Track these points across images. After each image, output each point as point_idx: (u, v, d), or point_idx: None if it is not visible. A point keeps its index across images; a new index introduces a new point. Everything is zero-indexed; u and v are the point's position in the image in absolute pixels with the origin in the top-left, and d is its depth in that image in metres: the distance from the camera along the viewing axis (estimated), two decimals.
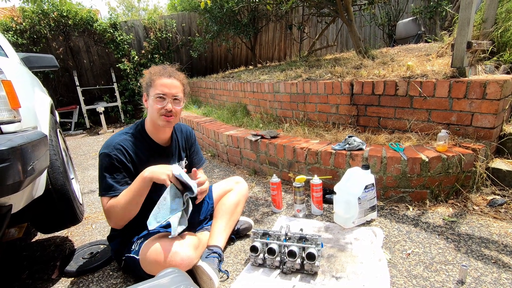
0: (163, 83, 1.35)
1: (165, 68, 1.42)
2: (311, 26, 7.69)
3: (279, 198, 1.99)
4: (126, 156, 1.34)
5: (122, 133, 1.40)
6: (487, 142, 1.91)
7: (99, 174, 1.33)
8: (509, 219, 1.64)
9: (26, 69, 2.01)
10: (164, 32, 6.84)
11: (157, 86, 1.35)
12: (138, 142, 1.39)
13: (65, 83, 6.30)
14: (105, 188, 1.30)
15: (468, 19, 1.97)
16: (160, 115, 1.36)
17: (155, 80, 1.36)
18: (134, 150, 1.37)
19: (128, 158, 1.35)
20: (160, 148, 1.47)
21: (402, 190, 1.90)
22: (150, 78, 1.38)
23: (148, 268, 1.26)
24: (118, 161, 1.32)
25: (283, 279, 1.33)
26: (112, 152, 1.31)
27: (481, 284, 1.22)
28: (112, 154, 1.31)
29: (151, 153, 1.42)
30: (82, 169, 3.53)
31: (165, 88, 1.35)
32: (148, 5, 22.47)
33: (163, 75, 1.37)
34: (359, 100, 2.51)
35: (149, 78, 1.39)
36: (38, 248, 1.86)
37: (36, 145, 1.11)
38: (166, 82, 1.36)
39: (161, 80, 1.36)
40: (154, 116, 1.38)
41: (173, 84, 1.38)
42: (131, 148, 1.36)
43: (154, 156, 1.43)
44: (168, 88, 1.36)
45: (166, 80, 1.36)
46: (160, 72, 1.38)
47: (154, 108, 1.35)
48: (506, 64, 2.39)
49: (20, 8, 5.72)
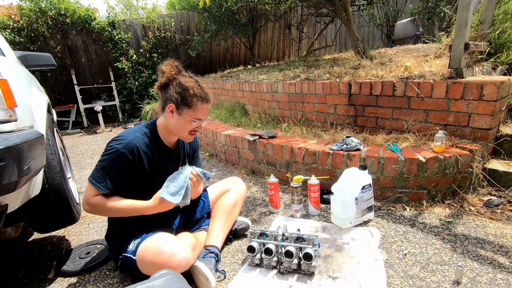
0: (204, 110, 1.35)
1: (204, 89, 1.35)
2: (310, 26, 7.70)
3: (276, 198, 1.99)
4: (136, 156, 1.31)
5: (139, 131, 1.37)
6: (483, 143, 1.92)
7: (101, 163, 1.28)
8: (505, 220, 1.65)
9: (23, 68, 2.00)
10: (163, 31, 6.83)
11: (198, 111, 1.32)
12: (151, 143, 1.38)
13: (63, 81, 6.27)
14: (98, 179, 1.26)
15: (465, 20, 1.98)
16: (189, 134, 1.38)
17: (196, 103, 1.31)
18: (146, 151, 1.36)
19: (138, 159, 1.32)
20: (169, 151, 1.47)
21: (399, 191, 1.91)
22: (188, 96, 1.30)
23: (145, 269, 1.25)
24: (126, 162, 1.28)
25: (280, 279, 1.33)
26: (125, 150, 1.27)
27: (477, 284, 1.22)
28: (123, 153, 1.27)
29: (161, 154, 1.43)
30: (80, 168, 3.51)
31: (205, 115, 1.36)
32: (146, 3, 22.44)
33: (205, 100, 1.34)
34: (357, 101, 2.52)
35: (186, 95, 1.30)
36: (34, 247, 1.85)
37: (33, 145, 1.10)
38: (207, 108, 1.36)
39: (203, 105, 1.33)
40: (180, 132, 1.38)
41: (208, 108, 1.38)
42: (144, 148, 1.35)
43: (163, 158, 1.43)
44: (207, 114, 1.38)
45: (206, 106, 1.35)
46: (201, 95, 1.33)
47: (186, 127, 1.34)
48: (503, 66, 2.40)
49: (18, 6, 5.69)
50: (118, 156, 1.27)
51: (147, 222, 1.40)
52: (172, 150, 1.48)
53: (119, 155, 1.27)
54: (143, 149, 1.34)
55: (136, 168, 1.32)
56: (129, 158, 1.29)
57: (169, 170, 1.44)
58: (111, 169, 1.28)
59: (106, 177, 1.27)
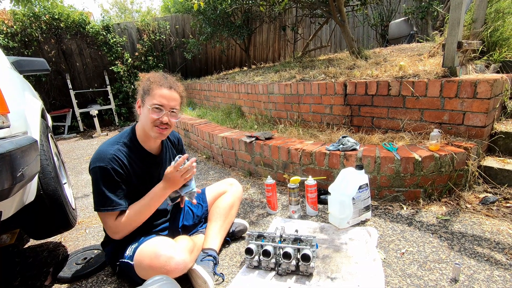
0: (162, 94, 1.29)
1: (166, 77, 1.35)
2: (305, 27, 7.73)
3: (274, 200, 1.99)
4: (123, 167, 1.29)
5: (114, 143, 1.32)
6: (478, 140, 1.93)
7: (95, 189, 1.26)
8: (501, 217, 1.66)
9: (16, 73, 1.99)
10: (158, 34, 6.82)
11: (155, 96, 1.28)
12: (131, 152, 1.34)
13: (58, 86, 6.24)
14: (105, 203, 1.25)
15: (458, 19, 2.00)
16: (153, 126, 1.30)
17: (154, 89, 1.29)
18: (129, 161, 1.32)
19: (124, 169, 1.30)
20: (152, 157, 1.42)
21: (396, 190, 1.91)
22: (148, 86, 1.31)
23: (142, 273, 1.24)
24: (116, 174, 1.26)
25: (279, 281, 1.33)
26: (109, 165, 1.24)
27: (474, 281, 1.23)
28: (109, 167, 1.24)
29: (144, 163, 1.38)
30: (76, 173, 3.49)
31: (164, 99, 1.29)
32: (141, 7, 22.33)
33: (163, 86, 1.30)
34: (352, 101, 2.53)
35: (148, 86, 1.31)
36: (30, 254, 1.84)
37: (26, 151, 1.09)
38: (166, 93, 1.30)
39: (160, 91, 1.29)
40: (147, 126, 1.31)
41: (172, 96, 1.32)
42: (126, 159, 1.31)
43: (147, 166, 1.39)
44: (167, 100, 1.30)
45: (166, 91, 1.30)
46: (160, 81, 1.31)
47: (149, 117, 1.29)
48: (496, 64, 2.42)
49: (11, 11, 5.66)
50: (107, 171, 1.24)
51: (144, 226, 1.40)
52: (155, 156, 1.43)
53: (107, 170, 1.24)
54: (126, 159, 1.30)
55: (125, 179, 1.31)
56: (117, 169, 1.27)
57: (156, 177, 1.41)
58: (108, 186, 1.25)
59: (109, 197, 1.25)
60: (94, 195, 1.27)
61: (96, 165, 1.25)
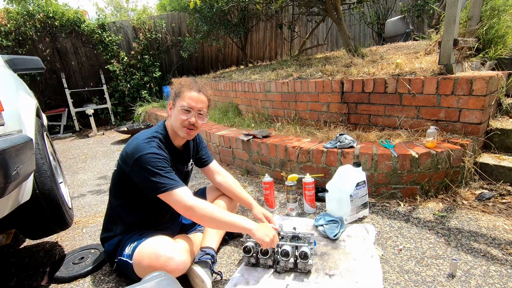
0: (191, 97, 1.38)
1: (196, 82, 1.44)
2: (301, 25, 7.72)
3: (272, 197, 1.99)
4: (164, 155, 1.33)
5: (151, 136, 1.36)
6: (474, 137, 1.94)
7: (150, 174, 1.25)
8: (497, 213, 1.68)
9: (10, 72, 1.96)
10: (154, 32, 6.77)
11: (185, 98, 1.37)
12: (164, 146, 1.39)
13: (53, 85, 6.18)
14: (167, 183, 1.25)
15: (454, 17, 2.01)
16: (182, 127, 1.38)
17: (184, 92, 1.39)
18: (166, 152, 1.37)
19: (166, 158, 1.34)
20: (178, 153, 1.49)
21: (393, 187, 1.92)
22: (179, 89, 1.41)
23: (141, 273, 1.24)
24: (165, 159, 1.31)
25: (277, 279, 1.33)
26: (158, 150, 1.30)
27: (471, 277, 1.24)
28: (158, 152, 1.29)
29: (173, 156, 1.44)
30: (72, 173, 3.46)
31: (193, 101, 1.37)
32: (137, 5, 22.19)
33: (193, 89, 1.39)
34: (349, 98, 2.53)
35: (179, 89, 1.41)
36: (27, 254, 1.82)
37: (21, 149, 1.08)
38: (194, 96, 1.38)
39: (190, 93, 1.38)
40: (176, 126, 1.39)
41: (200, 98, 1.39)
42: (163, 150, 1.36)
43: (174, 160, 1.44)
44: (195, 102, 1.38)
45: (194, 94, 1.39)
46: (190, 85, 1.41)
47: (178, 118, 1.37)
48: (491, 61, 2.44)
49: (5, 9, 5.58)
50: (157, 155, 1.27)
51: (145, 225, 1.40)
52: (180, 152, 1.52)
53: (157, 154, 1.28)
54: (165, 151, 1.36)
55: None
56: (164, 154, 1.31)
57: (179, 171, 1.48)
58: (163, 167, 1.27)
59: (169, 176, 1.27)
60: (150, 181, 1.25)
61: (144, 152, 1.26)
